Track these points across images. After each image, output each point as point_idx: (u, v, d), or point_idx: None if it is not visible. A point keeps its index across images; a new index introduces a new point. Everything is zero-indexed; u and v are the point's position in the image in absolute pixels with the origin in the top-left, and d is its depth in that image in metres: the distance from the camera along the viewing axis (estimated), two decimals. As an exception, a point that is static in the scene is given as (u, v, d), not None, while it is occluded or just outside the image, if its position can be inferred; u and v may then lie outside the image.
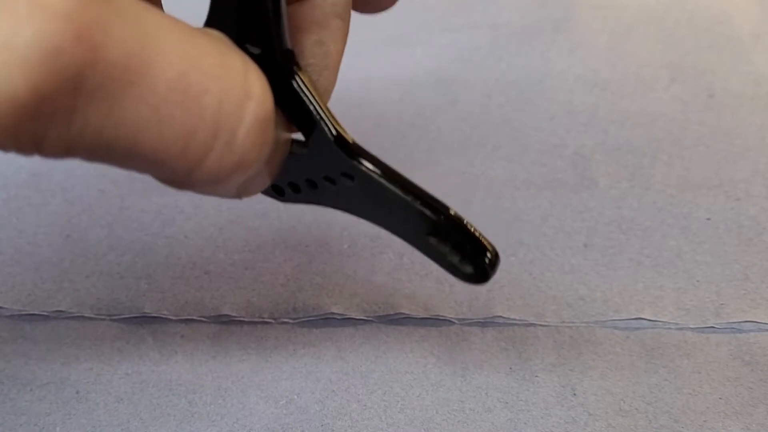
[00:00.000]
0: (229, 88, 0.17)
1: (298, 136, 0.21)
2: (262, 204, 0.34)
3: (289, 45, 0.20)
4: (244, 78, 0.17)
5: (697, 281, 0.31)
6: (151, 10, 0.16)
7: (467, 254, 0.21)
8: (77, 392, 0.28)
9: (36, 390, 0.28)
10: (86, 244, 0.33)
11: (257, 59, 0.19)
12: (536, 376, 0.28)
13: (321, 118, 0.20)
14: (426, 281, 0.31)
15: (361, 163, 0.21)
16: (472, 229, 0.21)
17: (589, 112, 0.40)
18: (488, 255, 0.21)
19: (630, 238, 0.33)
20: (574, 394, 0.27)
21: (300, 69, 0.20)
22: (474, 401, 0.27)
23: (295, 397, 0.27)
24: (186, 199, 0.35)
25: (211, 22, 0.20)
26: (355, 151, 0.21)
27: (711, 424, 0.26)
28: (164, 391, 0.28)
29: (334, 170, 0.21)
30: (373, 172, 0.21)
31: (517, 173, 0.36)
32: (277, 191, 0.23)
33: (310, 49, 0.21)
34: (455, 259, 0.21)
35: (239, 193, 0.20)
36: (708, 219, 0.34)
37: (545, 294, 0.31)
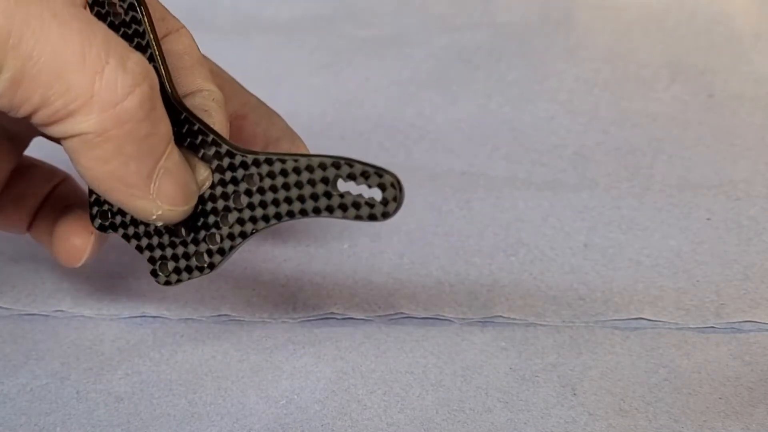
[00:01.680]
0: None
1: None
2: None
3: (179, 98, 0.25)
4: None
5: (697, 281, 0.31)
6: None
7: (372, 177, 0.22)
8: (77, 392, 0.28)
9: (36, 390, 0.28)
10: (86, 244, 0.33)
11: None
12: (536, 376, 0.28)
13: (215, 137, 0.24)
14: (426, 281, 0.31)
15: (258, 157, 0.24)
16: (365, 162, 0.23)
17: (589, 112, 0.40)
18: (389, 174, 0.22)
19: (630, 238, 0.33)
20: (574, 394, 0.27)
21: (189, 110, 0.24)
22: (474, 401, 0.27)
23: (295, 397, 0.27)
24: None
25: None
26: (251, 152, 0.24)
27: (711, 424, 0.26)
28: (164, 391, 0.28)
29: (241, 180, 0.24)
30: (270, 157, 0.23)
31: (517, 173, 0.36)
32: (199, 265, 0.25)
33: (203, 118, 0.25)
34: (362, 196, 0.23)
35: (153, 194, 0.23)
36: (708, 219, 0.34)
37: (545, 294, 0.31)
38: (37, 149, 0.29)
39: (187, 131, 0.24)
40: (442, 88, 0.42)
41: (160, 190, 0.23)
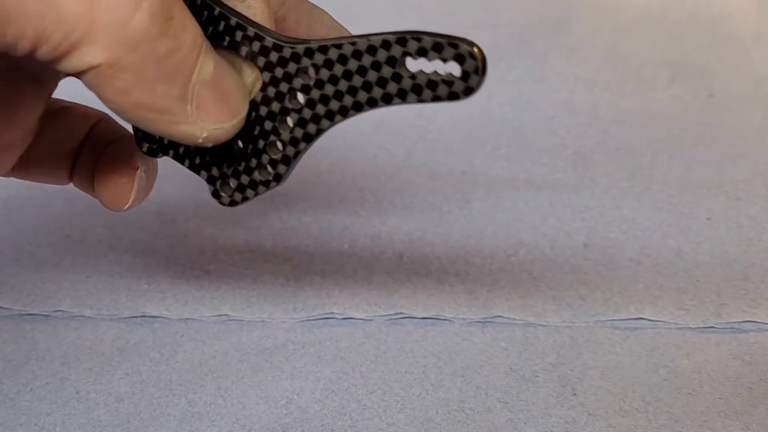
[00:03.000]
0: None
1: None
2: (262, 204, 0.34)
3: None
4: None
5: (697, 281, 0.31)
6: None
7: (448, 49, 0.19)
8: (77, 392, 0.28)
9: (36, 390, 0.28)
10: (86, 244, 0.33)
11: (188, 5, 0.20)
12: (536, 376, 0.28)
13: (256, 29, 0.21)
14: (426, 281, 0.31)
15: (310, 45, 0.21)
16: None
17: (589, 112, 0.40)
18: (468, 39, 0.19)
19: (630, 238, 0.33)
20: (574, 394, 0.27)
21: (224, 4, 0.21)
22: (474, 401, 0.27)
23: (296, 397, 0.27)
24: (186, 199, 0.35)
25: None
26: (302, 42, 0.21)
27: (711, 424, 0.26)
28: (164, 391, 0.28)
29: (295, 75, 0.21)
30: (324, 43, 0.21)
31: (517, 173, 0.36)
32: (264, 179, 0.23)
33: (232, 5, 0.22)
34: (436, 74, 0.20)
35: (191, 114, 0.20)
36: (708, 219, 0.34)
37: (545, 294, 0.31)
38: (68, 90, 0.28)
39: (225, 28, 0.21)
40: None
41: (200, 109, 0.20)
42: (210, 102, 0.20)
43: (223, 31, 0.21)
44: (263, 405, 0.27)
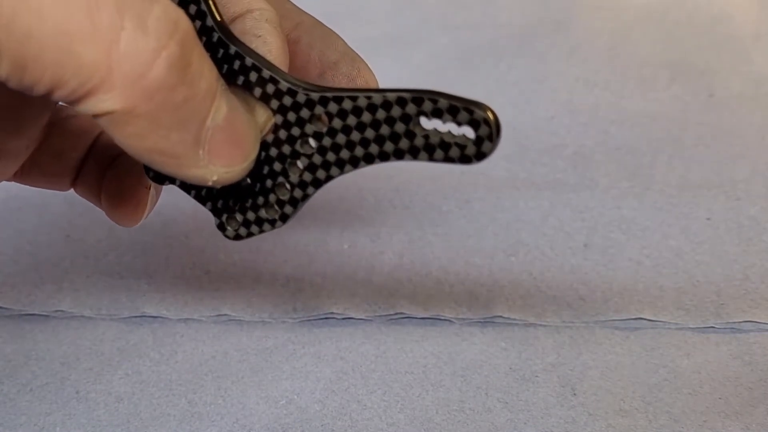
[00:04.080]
0: None
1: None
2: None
3: (228, 29, 0.21)
4: None
5: (697, 281, 0.31)
6: None
7: (462, 115, 0.20)
8: (77, 392, 0.28)
9: (36, 390, 0.28)
10: (86, 244, 0.33)
11: (203, 44, 0.20)
12: (536, 376, 0.28)
13: (270, 72, 0.21)
14: (426, 281, 0.31)
15: (325, 93, 0.21)
16: (453, 94, 0.21)
17: (589, 112, 0.40)
18: (484, 106, 0.20)
19: (630, 238, 0.33)
20: (574, 394, 0.27)
21: (240, 42, 0.21)
22: (474, 401, 0.27)
23: (295, 397, 0.27)
24: (186, 199, 0.35)
25: None
26: (316, 88, 0.21)
27: (711, 424, 0.26)
28: (164, 391, 0.28)
29: (307, 120, 0.21)
30: (339, 94, 0.20)
31: (517, 173, 0.36)
32: (270, 218, 0.23)
33: (248, 42, 0.22)
34: (450, 135, 0.20)
35: (203, 158, 0.20)
36: (708, 219, 0.34)
37: (545, 294, 0.31)
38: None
39: (240, 67, 0.21)
40: (442, 88, 0.42)
41: (212, 153, 0.20)
42: (222, 145, 0.20)
43: (238, 71, 0.21)
44: (263, 405, 0.27)
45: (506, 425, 0.26)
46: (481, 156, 0.20)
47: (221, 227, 0.23)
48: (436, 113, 0.20)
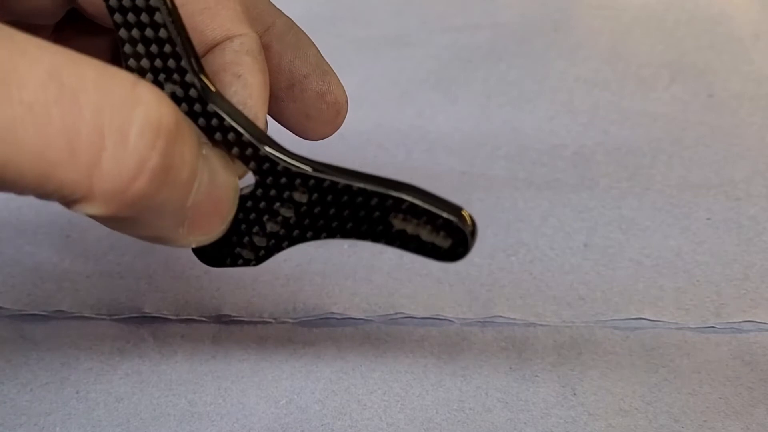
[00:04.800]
0: (110, 89, 0.17)
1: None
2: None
3: (209, 82, 0.20)
4: (131, 87, 0.17)
5: (697, 281, 0.31)
6: (22, 34, 0.16)
7: (439, 222, 0.20)
8: (77, 392, 0.28)
9: (36, 390, 0.28)
10: (86, 244, 0.33)
11: (177, 99, 0.20)
12: (536, 376, 0.28)
13: (250, 136, 0.20)
14: (426, 281, 0.31)
15: (304, 170, 0.21)
16: (434, 195, 0.21)
17: (589, 112, 0.40)
18: (462, 214, 0.20)
19: (630, 238, 0.33)
20: (574, 394, 0.27)
21: (220, 97, 0.20)
22: (474, 401, 0.27)
23: (295, 397, 0.27)
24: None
25: (123, 60, 0.20)
26: (296, 160, 0.21)
27: (711, 424, 0.26)
28: (164, 391, 0.28)
29: (283, 190, 0.21)
30: (318, 174, 0.21)
31: (517, 173, 0.36)
32: (244, 256, 0.23)
33: (229, 84, 0.22)
34: (427, 233, 0.20)
35: (183, 234, 0.20)
36: (708, 219, 0.34)
37: (545, 294, 0.31)
38: None
39: (219, 126, 0.20)
40: (442, 88, 0.42)
41: (192, 228, 0.20)
42: (201, 218, 0.20)
43: (216, 128, 0.20)
44: (263, 405, 0.27)
45: (506, 425, 0.26)
46: (455, 258, 0.20)
47: (197, 253, 0.23)
48: (415, 215, 0.20)
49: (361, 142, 0.38)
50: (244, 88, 0.21)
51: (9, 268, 0.32)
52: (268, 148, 0.20)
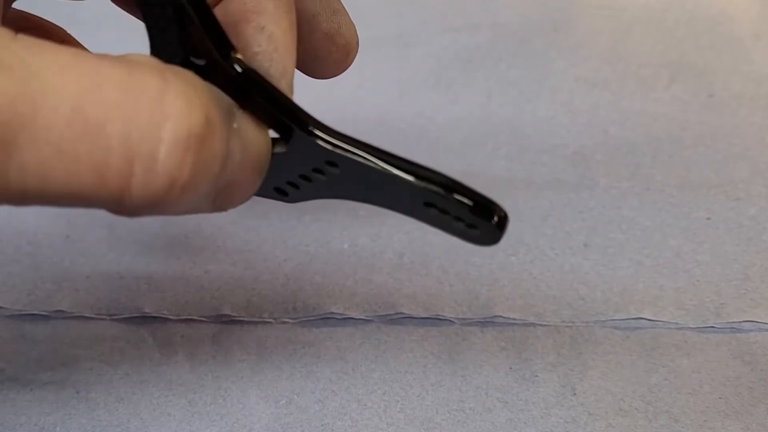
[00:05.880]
0: (135, 112, 0.16)
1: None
2: (262, 204, 0.34)
3: (235, 53, 0.20)
4: (158, 100, 0.17)
5: (697, 281, 0.31)
6: (39, 46, 0.16)
7: (471, 219, 0.20)
8: (77, 392, 0.28)
9: (36, 390, 0.28)
10: (86, 244, 0.33)
11: (206, 71, 0.19)
12: (536, 376, 0.28)
13: (280, 114, 0.20)
14: (426, 281, 0.31)
15: (339, 147, 0.20)
16: (470, 192, 0.20)
17: (589, 112, 0.40)
18: (495, 216, 0.20)
19: (630, 238, 0.33)
20: (574, 394, 0.27)
21: (247, 66, 0.20)
22: (474, 401, 0.27)
23: (295, 397, 0.27)
24: (186, 199, 0.35)
25: (152, 45, 0.20)
26: (329, 136, 0.20)
27: (711, 424, 0.26)
28: (164, 391, 0.28)
29: (316, 161, 0.20)
30: (353, 154, 0.20)
31: (517, 173, 0.36)
32: (278, 192, 0.23)
33: (252, 38, 0.21)
34: (460, 225, 0.20)
35: (218, 205, 0.20)
36: (708, 219, 0.34)
37: (545, 294, 0.31)
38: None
39: (247, 93, 0.20)
40: (442, 88, 0.42)
41: (225, 199, 0.19)
42: (234, 190, 0.19)
43: (245, 94, 0.20)
44: (263, 405, 0.27)
45: (506, 425, 0.26)
46: (486, 245, 0.20)
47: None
48: (447, 208, 0.20)
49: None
50: (269, 41, 0.20)
51: (9, 268, 0.32)
52: (300, 126, 0.20)
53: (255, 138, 0.19)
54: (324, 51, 0.24)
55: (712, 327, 0.29)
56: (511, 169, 0.37)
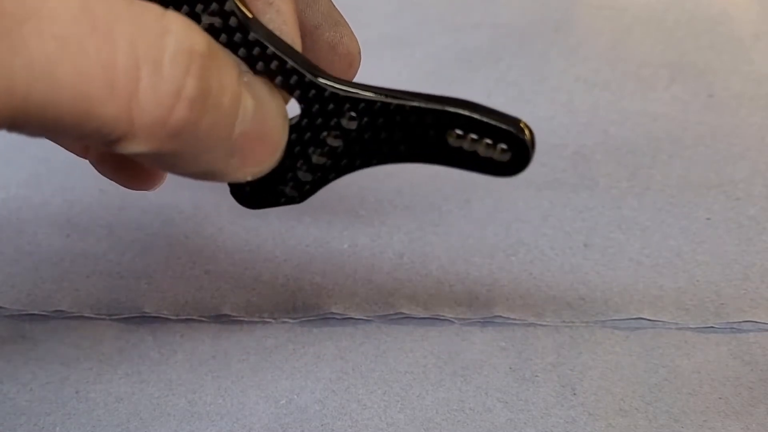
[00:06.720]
0: (141, 20, 0.17)
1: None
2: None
3: (247, 10, 0.20)
4: (160, 17, 0.17)
5: (697, 281, 0.31)
6: None
7: (498, 134, 0.19)
8: (77, 392, 0.28)
9: (36, 390, 0.28)
10: (86, 244, 0.33)
11: (217, 31, 0.19)
12: (536, 376, 0.28)
13: (294, 63, 0.20)
14: (426, 281, 0.31)
15: (354, 91, 0.20)
16: (493, 110, 0.20)
17: (589, 112, 0.40)
18: (521, 125, 0.20)
19: (630, 238, 0.33)
20: (574, 394, 0.27)
21: (259, 24, 0.20)
22: (474, 401, 0.27)
23: (295, 396, 0.27)
24: (186, 198, 0.35)
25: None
26: (342, 84, 0.20)
27: (711, 424, 0.26)
28: (164, 391, 0.28)
29: (333, 114, 0.20)
30: (370, 93, 0.20)
31: (517, 173, 0.36)
32: (294, 184, 0.22)
33: (262, 13, 0.21)
34: (485, 149, 0.20)
35: (236, 166, 0.19)
36: (708, 219, 0.34)
37: (545, 294, 0.31)
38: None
39: (260, 55, 0.20)
40: (442, 88, 0.42)
41: (244, 158, 0.19)
42: (253, 147, 0.19)
43: (257, 57, 0.20)
44: (263, 405, 0.27)
45: (506, 425, 0.26)
46: (515, 172, 0.20)
47: (236, 194, 0.22)
48: (472, 129, 0.19)
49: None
50: (278, 14, 0.21)
51: (9, 268, 0.32)
52: (313, 75, 0.20)
53: (268, 97, 0.20)
54: (327, 61, 0.25)
55: (712, 327, 0.29)
56: (511, 169, 0.37)
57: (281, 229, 0.33)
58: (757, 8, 0.47)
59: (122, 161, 0.23)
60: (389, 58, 0.44)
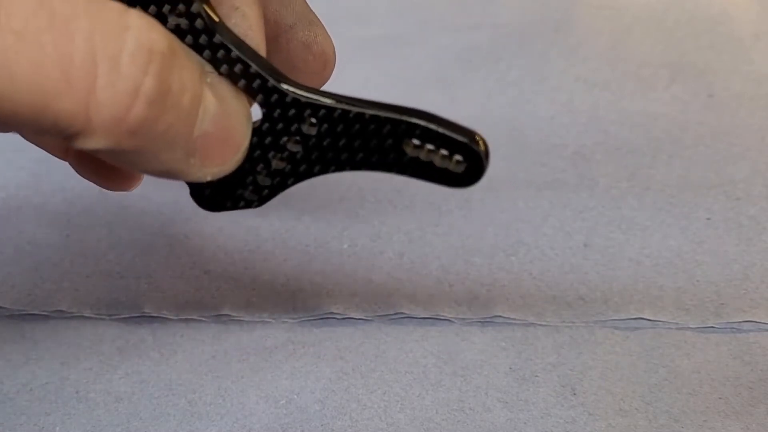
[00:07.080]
0: (101, 16, 0.17)
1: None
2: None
3: (213, 13, 0.20)
4: (121, 14, 0.17)
5: (697, 281, 0.31)
6: None
7: (454, 145, 0.20)
8: (77, 392, 0.28)
9: (36, 390, 0.28)
10: (86, 244, 0.33)
11: (183, 32, 0.19)
12: (536, 376, 0.28)
13: (258, 67, 0.20)
14: (426, 281, 0.31)
15: (314, 97, 0.20)
16: (449, 121, 0.20)
17: (589, 112, 0.40)
18: (476, 138, 0.20)
19: (630, 238, 0.33)
20: (574, 394, 0.27)
21: (225, 28, 0.20)
22: (474, 401, 0.27)
23: (295, 397, 0.27)
24: (186, 198, 0.35)
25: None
26: (303, 90, 0.20)
27: (711, 424, 0.26)
28: (164, 391, 0.28)
29: (293, 120, 0.21)
30: (329, 101, 0.20)
31: (517, 173, 0.36)
32: (253, 188, 0.22)
33: (227, 17, 0.21)
34: (441, 159, 0.20)
35: (196, 166, 0.19)
36: (708, 219, 0.34)
37: (545, 294, 0.31)
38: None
39: (224, 58, 0.20)
40: (442, 88, 0.42)
41: (204, 158, 0.19)
42: (213, 147, 0.19)
43: (222, 60, 0.20)
44: (263, 405, 0.27)
45: (506, 425, 0.26)
46: (469, 183, 0.20)
47: (196, 197, 0.22)
48: (428, 140, 0.20)
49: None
50: (244, 19, 0.21)
51: (9, 268, 0.32)
52: (276, 80, 0.20)
53: (231, 98, 0.20)
54: (301, 60, 0.25)
55: (712, 327, 0.29)
56: (511, 169, 0.37)
57: (281, 229, 0.33)
58: (757, 8, 0.47)
59: (100, 162, 0.23)
60: (389, 58, 0.44)
